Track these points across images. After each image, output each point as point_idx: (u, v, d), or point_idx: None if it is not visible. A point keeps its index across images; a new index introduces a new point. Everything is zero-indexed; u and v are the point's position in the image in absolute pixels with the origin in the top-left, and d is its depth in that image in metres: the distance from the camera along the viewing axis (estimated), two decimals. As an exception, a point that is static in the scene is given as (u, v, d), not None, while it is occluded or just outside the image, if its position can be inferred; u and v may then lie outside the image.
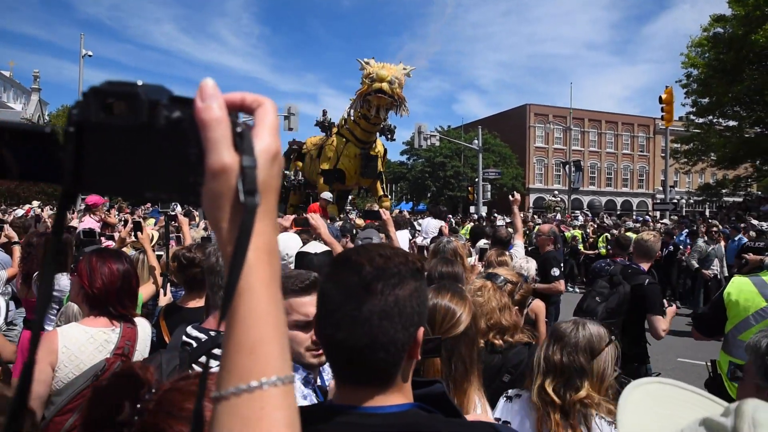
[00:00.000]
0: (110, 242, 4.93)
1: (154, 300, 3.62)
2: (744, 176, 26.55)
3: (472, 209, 26.87)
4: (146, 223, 6.10)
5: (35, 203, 16.36)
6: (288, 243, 3.75)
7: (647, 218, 21.36)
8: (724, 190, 28.47)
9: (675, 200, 26.29)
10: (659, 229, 13.70)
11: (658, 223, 17.15)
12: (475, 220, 16.72)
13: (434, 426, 0.95)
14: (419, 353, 0.98)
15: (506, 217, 16.56)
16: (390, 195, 20.16)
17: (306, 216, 3.83)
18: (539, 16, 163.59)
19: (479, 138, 28.57)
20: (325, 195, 10.90)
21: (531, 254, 5.60)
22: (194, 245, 3.15)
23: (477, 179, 27.10)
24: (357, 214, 13.75)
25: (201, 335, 2.09)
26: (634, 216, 28.59)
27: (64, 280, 3.71)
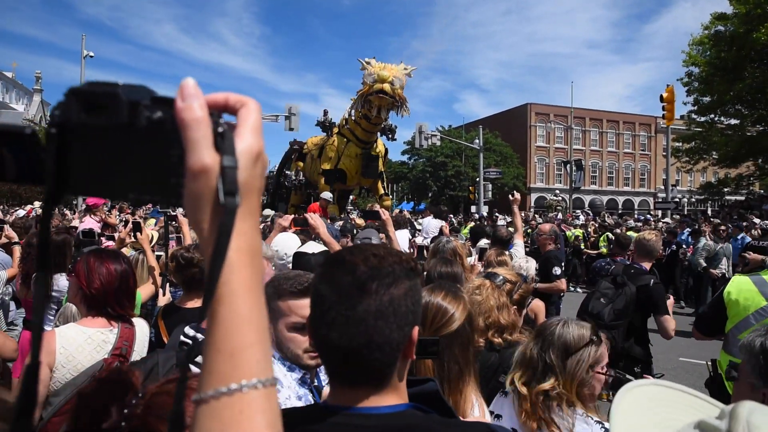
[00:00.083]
0: (110, 243, 4.92)
1: (154, 300, 3.62)
2: (746, 175, 26.45)
3: (473, 209, 26.84)
4: (146, 224, 6.11)
5: (37, 204, 16.34)
6: (287, 243, 3.75)
7: (649, 217, 21.35)
8: (726, 189, 28.36)
9: (677, 199, 26.25)
10: (661, 228, 13.66)
11: (660, 222, 17.11)
12: (476, 220, 16.71)
13: (430, 427, 0.94)
14: (414, 353, 0.97)
15: (507, 217, 16.55)
16: (391, 195, 20.15)
17: (305, 216, 3.82)
18: (540, 15, 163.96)
19: (480, 137, 28.51)
20: (326, 195, 10.89)
21: (532, 254, 5.59)
22: (193, 245, 3.14)
23: (478, 179, 27.07)
24: (358, 214, 13.76)
25: (199, 335, 2.09)
26: (636, 215, 28.53)
27: (63, 281, 3.72)
